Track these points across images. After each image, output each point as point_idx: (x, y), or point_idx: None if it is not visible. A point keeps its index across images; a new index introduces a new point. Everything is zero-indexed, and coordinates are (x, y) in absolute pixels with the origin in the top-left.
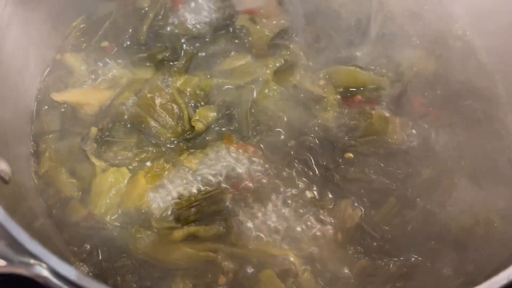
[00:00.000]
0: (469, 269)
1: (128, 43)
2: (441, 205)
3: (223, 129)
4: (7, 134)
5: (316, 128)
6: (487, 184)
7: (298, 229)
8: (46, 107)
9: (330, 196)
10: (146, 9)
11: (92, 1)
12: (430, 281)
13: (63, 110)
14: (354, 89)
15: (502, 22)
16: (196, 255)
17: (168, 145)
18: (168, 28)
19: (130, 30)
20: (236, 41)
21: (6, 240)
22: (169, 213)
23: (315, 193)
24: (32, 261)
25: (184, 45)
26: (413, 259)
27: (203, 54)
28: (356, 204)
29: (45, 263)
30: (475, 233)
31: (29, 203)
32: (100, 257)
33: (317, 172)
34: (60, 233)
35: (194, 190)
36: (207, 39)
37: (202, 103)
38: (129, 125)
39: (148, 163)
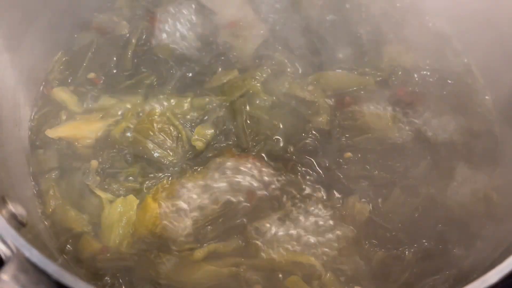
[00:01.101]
0: (478, 246)
1: (115, 71)
2: (442, 190)
3: (223, 144)
4: (11, 176)
5: (313, 132)
6: (481, 164)
7: (313, 231)
8: (40, 145)
9: (338, 195)
10: (127, 35)
11: (70, 33)
12: (444, 263)
13: (58, 146)
14: (343, 91)
15: (466, 9)
16: (219, 272)
17: (171, 168)
18: (152, 52)
19: (115, 58)
20: (222, 57)
21: (44, 284)
22: (186, 233)
23: (323, 193)
24: None
25: (170, 67)
26: (426, 244)
27: (190, 74)
28: (363, 199)
29: None
30: (477, 211)
31: (45, 244)
32: None
33: (321, 174)
34: (78, 270)
35: (206, 208)
36: (192, 59)
37: (198, 122)
38: (129, 155)
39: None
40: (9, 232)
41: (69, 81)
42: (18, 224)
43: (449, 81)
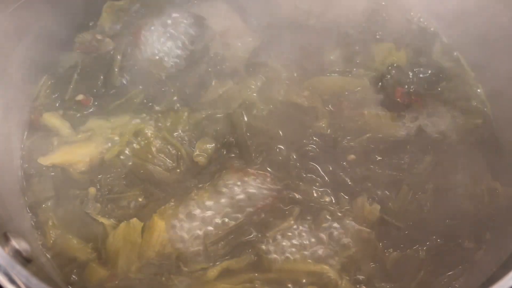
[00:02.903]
0: (487, 237)
1: (103, 90)
2: (447, 184)
3: (225, 158)
4: (8, 210)
5: (314, 138)
6: (481, 155)
7: (324, 237)
8: (34, 173)
9: (346, 197)
10: (112, 52)
11: (54, 55)
12: (457, 258)
13: (52, 174)
14: (339, 95)
15: (450, 2)
16: None
17: (176, 187)
18: (141, 68)
19: (102, 77)
20: (215, 69)
21: None
22: (196, 253)
23: (331, 197)
24: None
25: (162, 83)
26: (438, 240)
27: (184, 88)
28: (371, 199)
29: None
30: (482, 202)
31: (49, 277)
32: None
33: (326, 179)
34: None
35: (216, 225)
36: (184, 72)
37: (197, 137)
38: (128, 178)
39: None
40: (19, 272)
41: (57, 105)
42: (24, 260)
43: (441, 75)
